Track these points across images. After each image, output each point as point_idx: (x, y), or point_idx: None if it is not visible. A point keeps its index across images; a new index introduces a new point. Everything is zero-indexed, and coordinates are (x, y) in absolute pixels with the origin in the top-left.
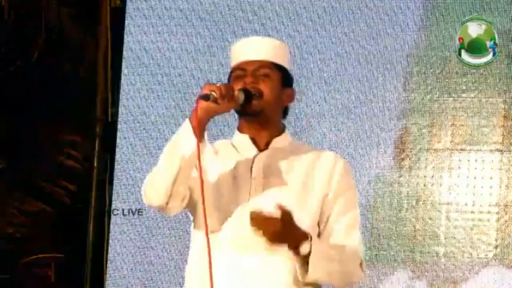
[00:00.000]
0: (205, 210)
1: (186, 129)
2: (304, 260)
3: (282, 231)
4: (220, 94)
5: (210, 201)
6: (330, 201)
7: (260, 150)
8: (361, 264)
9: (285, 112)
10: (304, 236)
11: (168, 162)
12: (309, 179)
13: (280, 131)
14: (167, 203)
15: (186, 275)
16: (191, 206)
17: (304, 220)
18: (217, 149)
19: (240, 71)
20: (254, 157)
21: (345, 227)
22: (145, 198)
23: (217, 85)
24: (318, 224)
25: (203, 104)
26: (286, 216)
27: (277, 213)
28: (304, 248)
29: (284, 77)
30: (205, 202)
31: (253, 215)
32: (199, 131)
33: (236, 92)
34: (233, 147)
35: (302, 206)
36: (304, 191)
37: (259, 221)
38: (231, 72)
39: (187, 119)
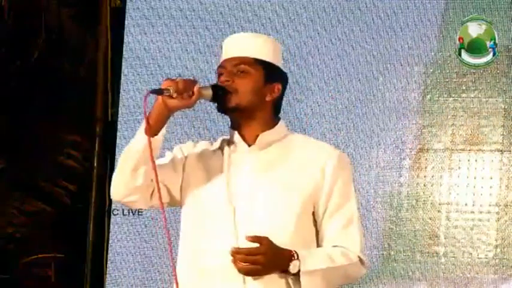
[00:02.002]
0: (163, 211)
1: (142, 124)
2: (296, 277)
3: (267, 263)
4: (176, 89)
5: (198, 196)
6: (324, 198)
7: (249, 144)
8: (361, 261)
9: (275, 108)
10: (290, 256)
11: (123, 158)
12: (299, 172)
13: (272, 125)
14: (124, 198)
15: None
16: (175, 204)
17: (291, 215)
18: (213, 145)
19: (220, 69)
20: (243, 152)
21: (340, 227)
22: (111, 193)
23: (176, 80)
24: (314, 219)
25: (159, 99)
26: (266, 245)
27: (255, 245)
28: (292, 268)
29: (267, 73)
30: (194, 197)
31: (233, 253)
32: (153, 127)
33: (196, 88)
34: (226, 144)
35: (289, 200)
36: (293, 184)
37: (242, 265)
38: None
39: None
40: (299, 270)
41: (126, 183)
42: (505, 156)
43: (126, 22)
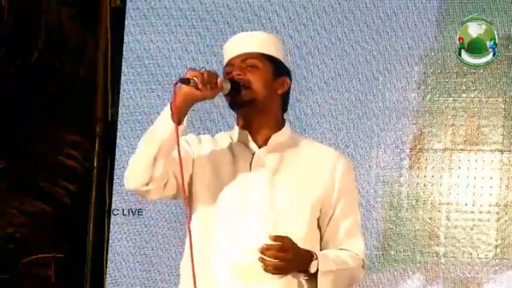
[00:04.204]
0: (187, 202)
1: (165, 113)
2: (311, 278)
3: (294, 260)
4: (202, 80)
5: (208, 196)
6: (332, 203)
7: (259, 146)
8: (363, 265)
9: (284, 104)
10: (311, 256)
11: (145, 145)
12: (309, 176)
13: (280, 125)
14: (145, 186)
15: (181, 269)
16: (179, 197)
17: (302, 218)
18: (217, 141)
19: (229, 67)
20: (253, 153)
21: (346, 231)
22: (125, 181)
23: (201, 71)
24: (319, 224)
25: (184, 88)
26: (290, 243)
27: (278, 244)
28: (312, 268)
29: (275, 67)
30: (203, 193)
31: (264, 250)
32: (178, 115)
33: (219, 80)
34: (233, 142)
35: (301, 203)
36: (303, 188)
37: (271, 261)
38: (223, 70)
39: (169, 103)
40: (316, 270)
41: (145, 171)
42: (505, 156)
43: (126, 22)
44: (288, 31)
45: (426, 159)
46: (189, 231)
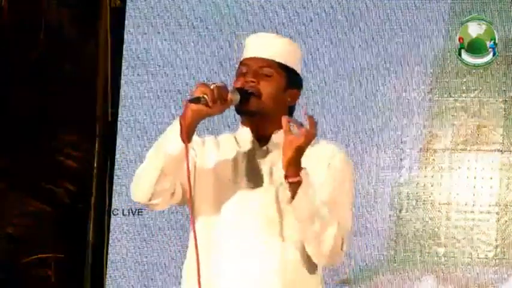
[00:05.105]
0: (192, 214)
1: (174, 129)
2: (294, 189)
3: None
4: (212, 98)
5: (210, 196)
6: (321, 185)
7: (261, 145)
8: (341, 242)
9: (290, 113)
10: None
11: (152, 160)
12: (309, 173)
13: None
14: (150, 200)
15: (183, 270)
16: (185, 203)
17: None
18: (220, 143)
19: (244, 67)
20: (255, 152)
21: (327, 202)
22: (131, 194)
23: (210, 87)
24: None
25: (193, 107)
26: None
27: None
28: (302, 174)
29: (289, 78)
30: (205, 197)
31: (287, 121)
32: (188, 134)
33: (230, 94)
34: (235, 141)
35: None
36: None
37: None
38: (239, 65)
39: (177, 118)
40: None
41: (153, 185)
42: (505, 156)
43: (126, 22)
44: (288, 31)
45: (426, 159)
46: (195, 240)
